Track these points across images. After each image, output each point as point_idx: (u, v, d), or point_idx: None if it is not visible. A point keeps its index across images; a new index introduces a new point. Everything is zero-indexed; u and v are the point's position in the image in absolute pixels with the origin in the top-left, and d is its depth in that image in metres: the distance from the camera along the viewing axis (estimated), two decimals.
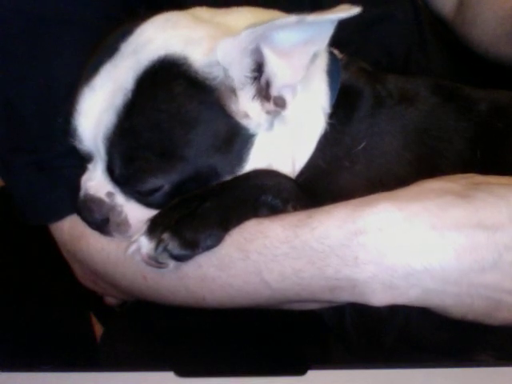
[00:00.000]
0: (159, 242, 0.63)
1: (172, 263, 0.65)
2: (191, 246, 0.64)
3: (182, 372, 0.52)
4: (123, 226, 0.70)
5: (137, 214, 0.69)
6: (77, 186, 0.72)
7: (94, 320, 1.09)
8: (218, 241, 0.65)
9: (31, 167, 0.76)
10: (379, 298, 0.62)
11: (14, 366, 0.54)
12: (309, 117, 0.72)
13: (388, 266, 0.60)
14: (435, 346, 0.72)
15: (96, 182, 0.70)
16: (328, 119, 0.72)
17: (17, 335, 0.90)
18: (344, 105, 0.73)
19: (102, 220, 0.70)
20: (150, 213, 0.68)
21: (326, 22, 0.61)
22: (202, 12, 0.73)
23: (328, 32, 0.62)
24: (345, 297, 0.64)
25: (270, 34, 0.62)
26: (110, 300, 0.91)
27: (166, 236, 0.63)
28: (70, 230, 0.77)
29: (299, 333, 0.78)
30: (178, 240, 0.63)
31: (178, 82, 0.65)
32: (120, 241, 0.71)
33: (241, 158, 0.68)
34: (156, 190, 0.67)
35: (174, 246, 0.63)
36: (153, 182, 0.66)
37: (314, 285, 0.64)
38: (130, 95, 0.64)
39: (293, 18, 0.60)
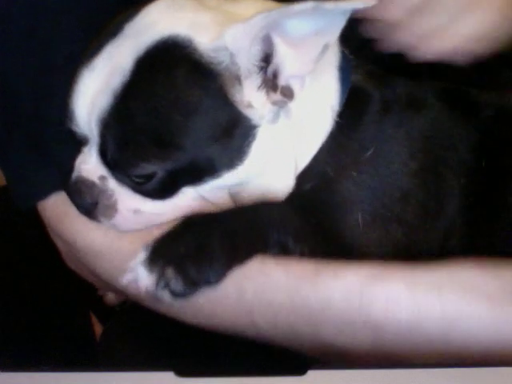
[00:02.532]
0: (161, 277, 0.60)
1: (169, 298, 0.61)
2: (194, 285, 0.61)
3: (182, 372, 0.52)
4: (110, 210, 0.67)
5: (127, 200, 0.67)
6: (70, 168, 0.69)
7: (94, 320, 1.09)
8: (220, 279, 0.62)
9: (24, 149, 0.75)
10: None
11: (14, 366, 0.54)
12: (316, 112, 0.70)
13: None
14: None
15: (90, 165, 0.67)
16: (336, 117, 0.70)
17: (17, 335, 0.91)
18: (352, 107, 0.71)
19: (91, 203, 0.67)
20: (141, 202, 0.66)
21: (340, 12, 0.58)
22: (208, 0, 0.70)
23: (340, 24, 0.60)
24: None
25: (282, 22, 0.59)
26: (110, 299, 0.91)
27: (169, 272, 0.60)
28: (55, 207, 0.75)
29: None
30: (183, 278, 0.60)
31: (180, 64, 0.62)
32: (106, 229, 0.69)
33: (241, 150, 0.65)
34: (149, 176, 0.64)
35: (177, 285, 0.60)
36: (145, 168, 0.63)
37: (306, 340, 0.62)
38: (127, 76, 0.62)
39: (309, 4, 0.56)
